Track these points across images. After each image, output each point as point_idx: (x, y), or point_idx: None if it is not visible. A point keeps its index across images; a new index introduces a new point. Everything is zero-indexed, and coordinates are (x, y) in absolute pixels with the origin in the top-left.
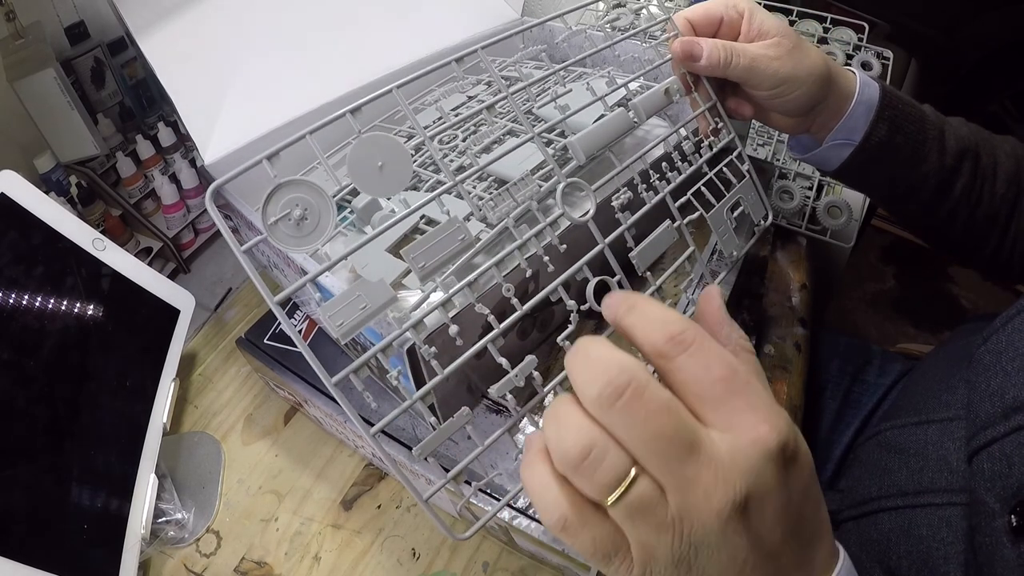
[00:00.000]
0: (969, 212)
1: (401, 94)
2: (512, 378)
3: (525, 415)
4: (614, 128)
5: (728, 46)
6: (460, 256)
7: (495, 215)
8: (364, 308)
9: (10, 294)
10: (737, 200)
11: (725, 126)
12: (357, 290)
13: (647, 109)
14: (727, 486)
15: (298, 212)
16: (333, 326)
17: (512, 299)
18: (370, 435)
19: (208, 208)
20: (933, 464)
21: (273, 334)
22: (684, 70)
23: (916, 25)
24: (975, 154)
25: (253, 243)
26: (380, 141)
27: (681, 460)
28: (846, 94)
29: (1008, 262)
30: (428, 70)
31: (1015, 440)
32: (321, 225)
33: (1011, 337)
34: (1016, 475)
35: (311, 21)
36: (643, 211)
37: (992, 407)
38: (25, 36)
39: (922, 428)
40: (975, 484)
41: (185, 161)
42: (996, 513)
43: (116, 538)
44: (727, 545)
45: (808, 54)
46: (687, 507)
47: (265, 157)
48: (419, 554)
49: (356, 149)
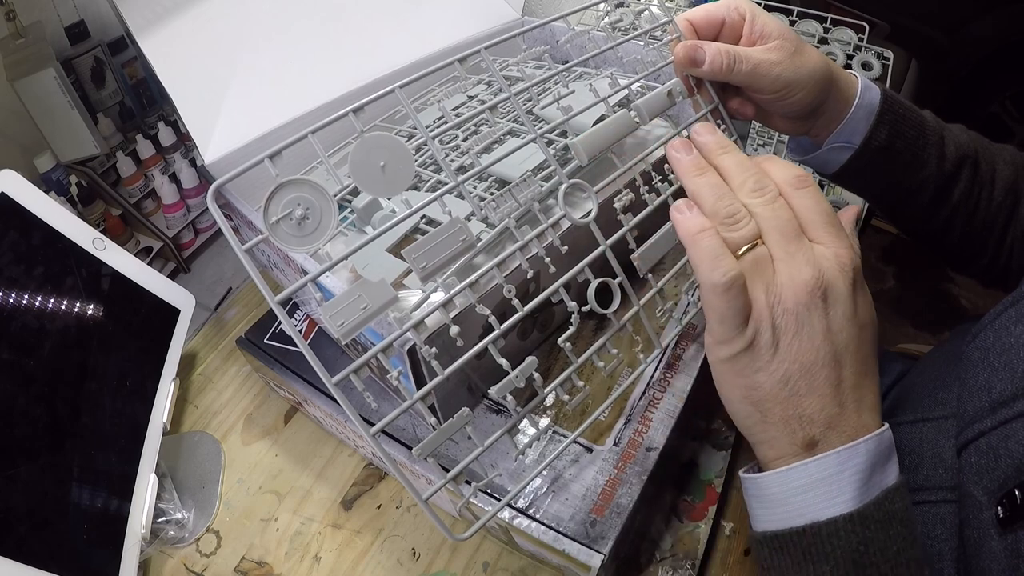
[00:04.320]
0: (966, 219)
1: (403, 94)
2: (513, 379)
3: (525, 416)
4: (616, 129)
5: (731, 51)
6: (461, 257)
7: (496, 215)
8: (365, 308)
9: (10, 294)
10: None
11: (727, 128)
12: (358, 290)
13: (650, 110)
14: (814, 269)
15: (300, 211)
16: (334, 326)
17: (513, 300)
18: (370, 435)
19: (210, 207)
20: (928, 462)
21: (273, 334)
22: (686, 72)
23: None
24: (974, 161)
25: (254, 242)
26: (382, 141)
27: (789, 241)
28: (847, 97)
29: (1004, 271)
30: (432, 70)
31: (1001, 433)
32: (323, 225)
33: (998, 333)
34: (1002, 467)
35: (311, 21)
36: (645, 213)
37: (980, 402)
38: (25, 36)
39: (917, 427)
40: (963, 478)
41: (185, 161)
42: (983, 506)
43: (116, 538)
44: (808, 322)
45: (810, 57)
46: (786, 275)
47: (267, 156)
48: (419, 554)
49: (358, 149)
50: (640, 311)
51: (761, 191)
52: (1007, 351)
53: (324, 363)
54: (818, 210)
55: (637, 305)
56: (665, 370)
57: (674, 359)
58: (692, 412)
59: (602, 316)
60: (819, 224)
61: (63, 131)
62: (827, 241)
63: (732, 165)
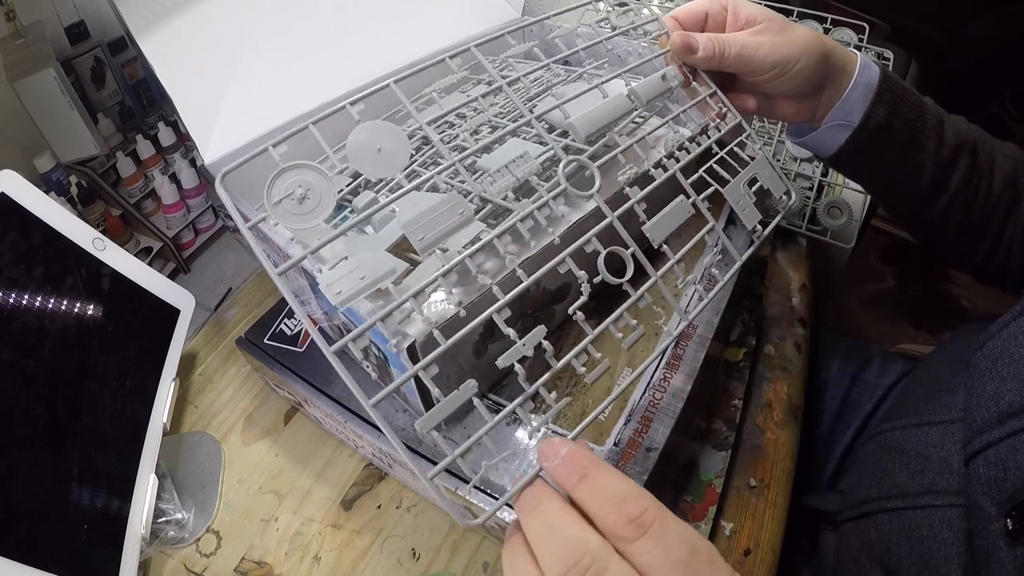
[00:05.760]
0: (964, 209)
1: (399, 88)
2: (520, 347)
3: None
4: (613, 108)
5: (717, 38)
6: (460, 229)
7: (495, 189)
8: (363, 279)
9: (10, 294)
10: (754, 176)
11: (730, 111)
12: (357, 262)
13: (645, 93)
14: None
15: (300, 192)
16: (332, 294)
17: (517, 269)
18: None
19: (218, 190)
20: (934, 466)
21: (273, 334)
22: (682, 62)
23: (916, 25)
24: (973, 149)
25: (257, 220)
26: (378, 127)
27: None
28: (847, 75)
29: (1002, 267)
30: (424, 66)
31: (1010, 445)
32: (322, 204)
33: (1006, 343)
34: (1011, 479)
35: (311, 21)
36: (653, 186)
37: (988, 412)
38: (25, 36)
39: (923, 430)
40: (972, 488)
41: (185, 161)
42: (992, 517)
43: (116, 538)
44: None
45: (798, 32)
46: None
47: (271, 144)
48: (419, 554)
49: (356, 135)
50: (659, 281)
51: (576, 574)
52: (1016, 362)
53: (323, 363)
54: (671, 562)
55: (655, 276)
56: (665, 370)
57: (674, 359)
58: (692, 412)
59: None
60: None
61: (63, 131)
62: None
63: (538, 531)
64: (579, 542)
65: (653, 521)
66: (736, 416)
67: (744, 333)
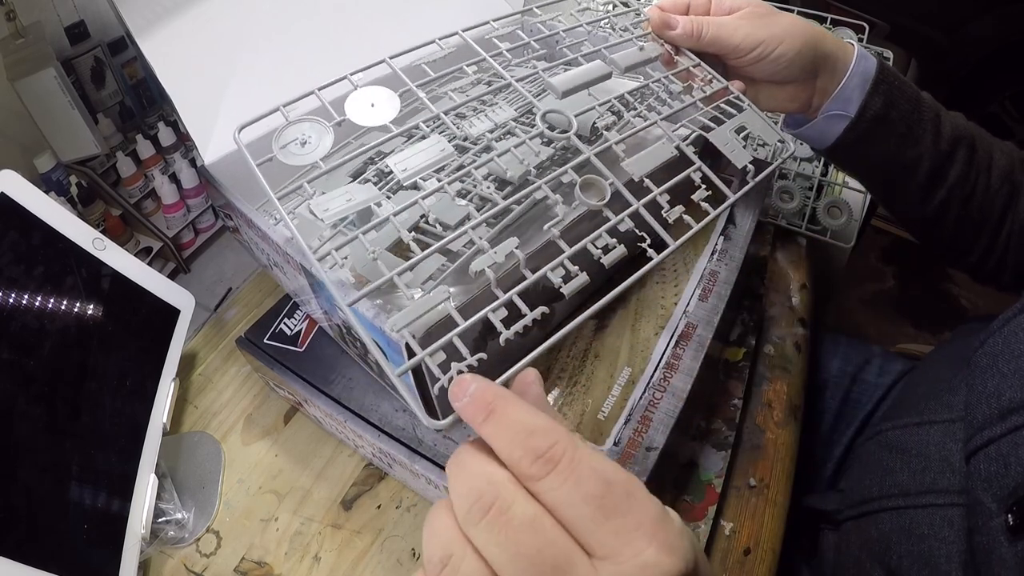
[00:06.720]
0: (962, 204)
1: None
2: (492, 255)
3: (511, 297)
4: (590, 71)
5: (696, 18)
6: (441, 164)
7: (475, 131)
8: (350, 201)
9: (10, 294)
10: (742, 124)
11: (715, 78)
12: (346, 189)
13: (623, 60)
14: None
15: (302, 138)
16: (320, 211)
17: (492, 193)
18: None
19: (235, 142)
20: (935, 465)
21: (273, 334)
22: (662, 40)
23: (916, 25)
24: (970, 144)
25: (265, 160)
26: (372, 88)
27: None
28: (843, 64)
29: (998, 265)
30: (418, 45)
31: (1011, 441)
32: (322, 146)
33: (1007, 340)
34: (1012, 475)
35: (311, 21)
36: (633, 132)
37: (989, 408)
38: (25, 36)
39: (924, 429)
40: (973, 485)
41: (185, 161)
42: (993, 513)
43: (116, 538)
44: None
45: (781, 17)
46: None
47: (282, 105)
48: (419, 554)
49: (353, 97)
50: (639, 208)
51: (480, 509)
52: (1017, 358)
53: (323, 363)
54: (581, 497)
55: (636, 204)
56: (665, 370)
57: (674, 359)
58: (692, 412)
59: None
60: (593, 521)
61: (63, 131)
62: (618, 547)
63: (452, 472)
64: (484, 478)
65: (562, 455)
66: (736, 416)
67: (744, 333)
